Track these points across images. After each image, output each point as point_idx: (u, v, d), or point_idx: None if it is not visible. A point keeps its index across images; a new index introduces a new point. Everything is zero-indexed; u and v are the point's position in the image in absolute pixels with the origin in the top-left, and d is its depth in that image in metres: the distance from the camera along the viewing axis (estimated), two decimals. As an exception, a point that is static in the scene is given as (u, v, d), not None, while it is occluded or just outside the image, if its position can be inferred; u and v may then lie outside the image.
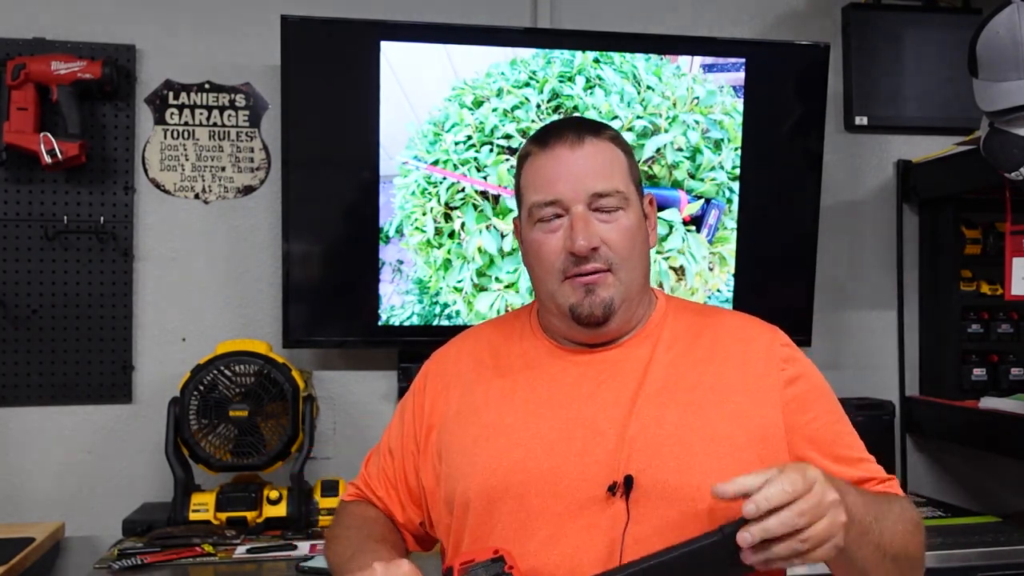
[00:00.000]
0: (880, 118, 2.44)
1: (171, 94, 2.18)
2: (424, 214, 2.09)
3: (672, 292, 2.17)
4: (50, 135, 2.00)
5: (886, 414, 2.34)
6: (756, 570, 0.90)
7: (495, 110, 2.09)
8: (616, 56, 2.14)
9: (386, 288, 2.11)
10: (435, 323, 2.12)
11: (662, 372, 1.12)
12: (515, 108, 2.10)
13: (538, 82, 2.11)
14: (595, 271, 1.11)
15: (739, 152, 2.20)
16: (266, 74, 2.20)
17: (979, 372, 2.36)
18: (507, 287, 2.12)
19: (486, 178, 2.09)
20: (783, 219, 2.28)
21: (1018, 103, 1.74)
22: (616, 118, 2.12)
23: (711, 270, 2.22)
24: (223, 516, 1.91)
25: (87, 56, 2.07)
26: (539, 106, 2.11)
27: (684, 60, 2.17)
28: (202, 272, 2.19)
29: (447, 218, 2.10)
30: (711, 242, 2.21)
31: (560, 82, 2.12)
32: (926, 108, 2.45)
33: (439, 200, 2.09)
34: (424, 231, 2.10)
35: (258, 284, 2.21)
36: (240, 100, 2.21)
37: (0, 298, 2.08)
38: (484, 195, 2.10)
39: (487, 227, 2.11)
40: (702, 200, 2.19)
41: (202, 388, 1.93)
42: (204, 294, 2.19)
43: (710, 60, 2.18)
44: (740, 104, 2.19)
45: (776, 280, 2.30)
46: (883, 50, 2.44)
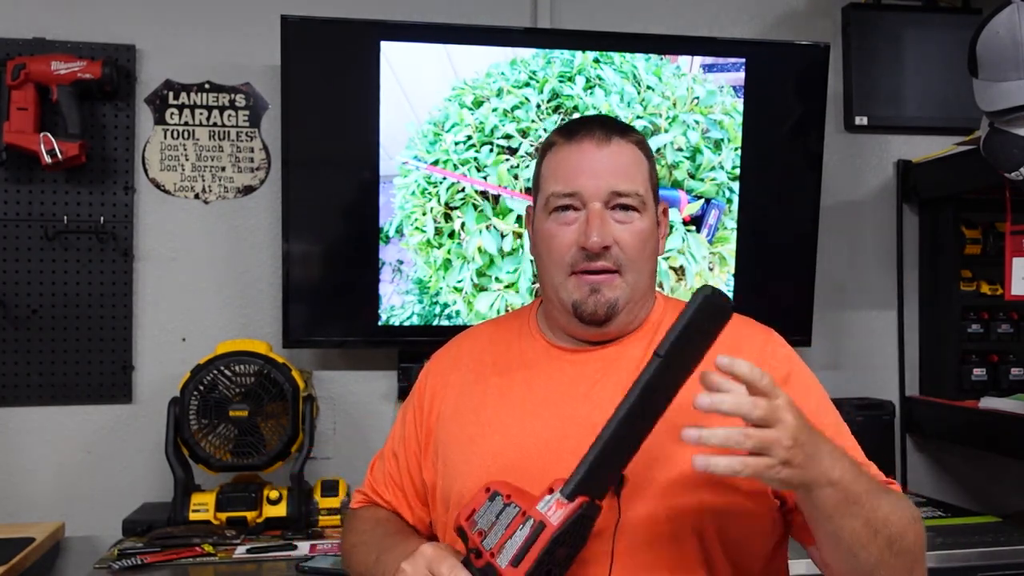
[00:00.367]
0: (880, 118, 2.44)
1: (171, 94, 2.18)
2: (424, 214, 2.09)
3: (672, 292, 2.17)
4: (50, 135, 1.99)
5: (886, 414, 2.34)
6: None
7: (495, 110, 2.09)
8: (616, 56, 2.14)
9: (386, 288, 2.11)
10: (435, 323, 2.12)
11: None
12: (515, 108, 2.10)
13: (538, 82, 2.11)
14: (603, 270, 1.12)
15: (739, 152, 2.20)
16: (266, 74, 2.20)
17: (979, 372, 2.36)
18: (507, 287, 2.12)
19: (486, 178, 2.09)
20: (783, 219, 2.28)
21: (1018, 103, 1.74)
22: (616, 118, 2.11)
23: (711, 270, 2.22)
24: (223, 516, 1.91)
25: (87, 56, 2.07)
26: (539, 106, 2.11)
27: (684, 60, 2.17)
28: (202, 272, 2.19)
29: (447, 218, 2.10)
30: (711, 242, 2.21)
31: (560, 82, 2.12)
32: (926, 108, 2.45)
33: (439, 200, 2.09)
34: (424, 231, 2.10)
35: (258, 284, 2.21)
36: (240, 100, 2.21)
37: (0, 298, 2.08)
38: (484, 195, 2.10)
39: (487, 227, 2.11)
40: (702, 200, 2.19)
41: (202, 388, 1.93)
42: (204, 294, 2.19)
43: (710, 60, 2.18)
44: (740, 104, 2.19)
45: (776, 280, 2.30)
46: (883, 50, 2.44)
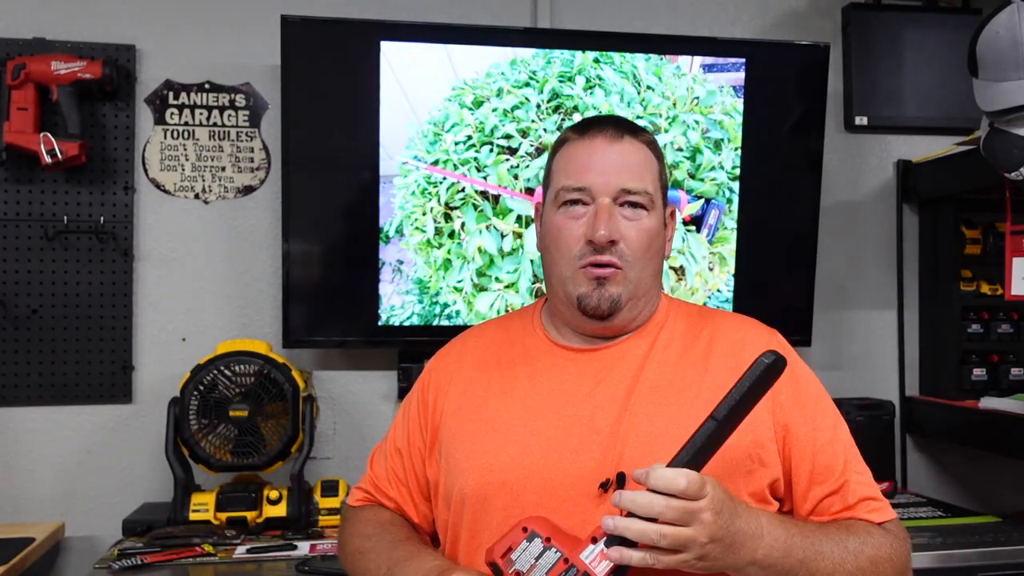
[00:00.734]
0: (880, 118, 2.44)
1: (171, 94, 2.18)
2: (424, 214, 2.09)
3: (672, 292, 2.17)
4: (50, 135, 1.99)
5: (886, 414, 2.34)
6: None
7: (495, 110, 2.09)
8: (616, 56, 2.14)
9: (386, 288, 2.11)
10: (435, 323, 2.12)
11: (657, 371, 1.14)
12: (515, 108, 2.10)
13: (538, 82, 2.11)
14: (609, 264, 1.13)
15: (739, 152, 2.20)
16: (266, 74, 2.20)
17: (979, 372, 2.36)
18: (507, 287, 2.12)
19: (486, 178, 2.09)
20: (783, 219, 2.28)
21: (1018, 103, 1.74)
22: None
23: (711, 270, 2.22)
24: (223, 516, 1.91)
25: (87, 56, 2.07)
26: (539, 106, 2.11)
27: (684, 60, 2.17)
28: (202, 272, 2.19)
29: (447, 218, 2.10)
30: (711, 242, 2.21)
31: (560, 82, 2.12)
32: (926, 108, 2.45)
33: (439, 200, 2.09)
34: (424, 231, 2.10)
35: (258, 284, 2.21)
36: (240, 100, 2.21)
37: (0, 298, 2.08)
38: (484, 195, 2.10)
39: (487, 227, 2.11)
40: (702, 200, 2.19)
41: (202, 388, 1.93)
42: (204, 294, 2.19)
43: (710, 60, 2.18)
44: (740, 104, 2.19)
45: (776, 280, 2.30)
46: (883, 50, 2.44)
